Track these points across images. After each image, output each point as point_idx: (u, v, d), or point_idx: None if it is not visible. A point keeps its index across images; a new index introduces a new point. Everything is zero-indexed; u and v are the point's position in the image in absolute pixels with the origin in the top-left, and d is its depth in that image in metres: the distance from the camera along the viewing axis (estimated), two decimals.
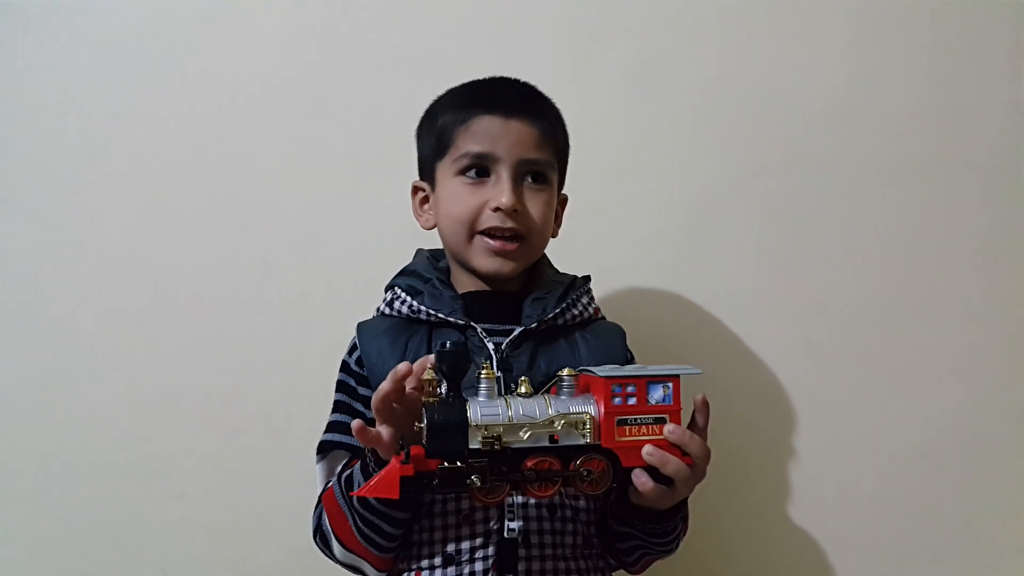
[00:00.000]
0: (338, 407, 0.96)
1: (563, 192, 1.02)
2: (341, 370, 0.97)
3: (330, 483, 0.90)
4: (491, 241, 0.92)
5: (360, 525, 0.85)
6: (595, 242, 1.20)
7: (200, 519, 1.20)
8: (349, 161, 1.29)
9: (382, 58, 1.31)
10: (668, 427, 0.77)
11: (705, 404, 0.82)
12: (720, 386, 1.27)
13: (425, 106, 1.00)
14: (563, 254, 1.00)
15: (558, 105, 1.00)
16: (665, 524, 0.86)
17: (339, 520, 0.87)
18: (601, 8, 1.34)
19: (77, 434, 1.24)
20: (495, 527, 0.85)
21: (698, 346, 1.30)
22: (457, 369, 0.74)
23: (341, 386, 0.97)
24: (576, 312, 0.96)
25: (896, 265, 1.34)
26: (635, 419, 0.76)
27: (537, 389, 0.79)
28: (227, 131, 1.29)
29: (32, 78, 1.28)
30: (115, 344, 1.25)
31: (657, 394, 0.77)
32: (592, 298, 1.01)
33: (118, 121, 1.28)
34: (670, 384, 0.78)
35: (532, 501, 0.86)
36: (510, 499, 0.85)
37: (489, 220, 0.91)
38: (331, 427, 0.94)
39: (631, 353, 1.03)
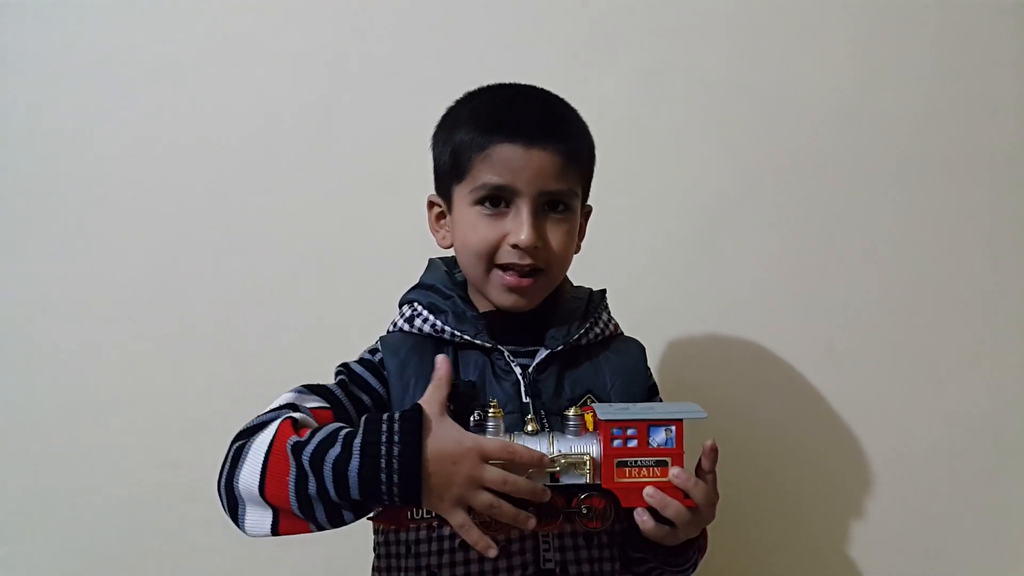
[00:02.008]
0: (342, 386, 0.89)
1: (587, 203, 0.98)
2: (358, 362, 0.92)
3: (291, 416, 0.78)
4: (508, 277, 0.89)
5: (310, 490, 0.73)
6: (610, 251, 1.17)
7: (227, 546, 1.17)
8: (366, 182, 1.30)
9: (394, 73, 1.31)
10: (673, 471, 0.78)
11: (713, 451, 0.81)
12: (743, 392, 1.30)
13: (438, 117, 0.96)
14: (577, 264, 0.98)
15: None
16: (678, 556, 0.87)
17: (280, 468, 0.74)
18: (610, 16, 1.33)
19: (104, 463, 1.26)
20: (532, 558, 0.84)
21: (718, 353, 1.30)
22: (466, 409, 0.79)
23: (352, 375, 0.90)
24: (598, 330, 0.95)
25: (913, 264, 1.33)
26: (635, 461, 0.78)
27: (561, 413, 0.82)
28: (244, 157, 1.30)
29: (51, 108, 1.29)
30: (140, 373, 1.27)
31: (659, 437, 0.78)
32: (610, 313, 0.99)
33: (137, 149, 1.30)
34: (673, 428, 0.78)
35: (569, 530, 0.86)
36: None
37: (507, 256, 0.88)
38: (327, 389, 0.87)
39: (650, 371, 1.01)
